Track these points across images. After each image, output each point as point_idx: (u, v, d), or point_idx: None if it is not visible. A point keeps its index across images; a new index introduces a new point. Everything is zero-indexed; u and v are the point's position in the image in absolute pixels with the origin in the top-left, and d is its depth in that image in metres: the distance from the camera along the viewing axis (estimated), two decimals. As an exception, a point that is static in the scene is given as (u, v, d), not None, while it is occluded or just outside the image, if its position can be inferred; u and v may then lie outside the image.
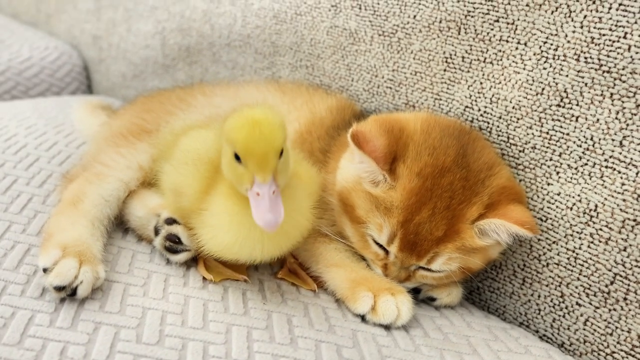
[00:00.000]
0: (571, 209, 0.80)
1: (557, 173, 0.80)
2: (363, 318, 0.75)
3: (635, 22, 0.73)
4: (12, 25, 1.79)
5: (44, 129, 1.05)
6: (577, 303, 0.81)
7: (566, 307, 0.82)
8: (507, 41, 0.82)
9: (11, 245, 0.74)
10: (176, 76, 1.39)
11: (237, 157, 0.65)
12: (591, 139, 0.77)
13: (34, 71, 1.55)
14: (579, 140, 0.78)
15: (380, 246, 0.78)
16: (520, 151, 0.83)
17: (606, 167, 0.77)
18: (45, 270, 0.67)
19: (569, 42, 0.78)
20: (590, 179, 0.78)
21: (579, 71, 0.77)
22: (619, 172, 0.76)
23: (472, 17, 0.85)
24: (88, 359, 0.59)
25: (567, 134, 0.79)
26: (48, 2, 1.81)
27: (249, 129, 0.63)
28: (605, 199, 0.77)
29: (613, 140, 0.76)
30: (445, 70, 0.89)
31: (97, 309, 0.66)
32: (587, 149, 0.78)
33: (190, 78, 1.35)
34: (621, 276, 0.76)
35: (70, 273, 0.66)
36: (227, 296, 0.73)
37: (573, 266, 0.80)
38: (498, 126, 0.85)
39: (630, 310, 0.76)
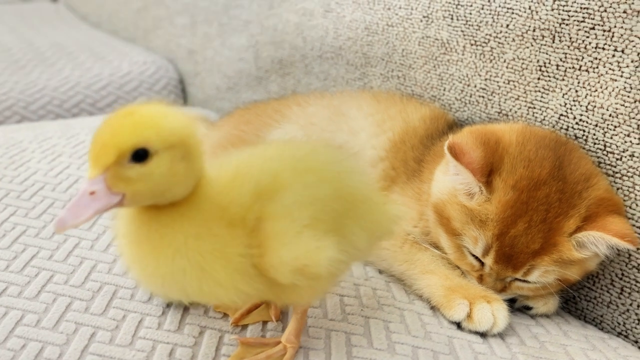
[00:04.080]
0: (672, 218, 0.78)
1: (657, 181, 0.79)
2: (458, 325, 0.75)
3: None
4: (113, 42, 1.88)
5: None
6: (679, 314, 0.79)
7: (667, 318, 0.80)
8: (604, 49, 0.81)
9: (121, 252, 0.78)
10: (269, 88, 1.43)
11: None
12: (693, 146, 0.76)
13: (134, 85, 1.62)
14: (680, 148, 0.77)
15: (476, 258, 0.79)
16: (617, 159, 0.82)
17: None
18: (153, 276, 0.70)
19: (668, 48, 0.77)
20: (692, 187, 0.76)
21: (679, 78, 0.76)
22: None
23: (566, 25, 0.85)
24: (195, 360, 0.62)
25: (668, 142, 0.78)
26: (145, 19, 1.89)
27: (107, 118, 0.49)
28: None
29: None
30: (539, 78, 0.89)
31: (201, 314, 0.70)
32: (689, 157, 0.76)
33: (283, 90, 1.38)
34: None
35: None
36: (325, 302, 0.75)
37: (674, 276, 0.79)
38: (594, 134, 0.84)
39: None
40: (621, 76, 0.80)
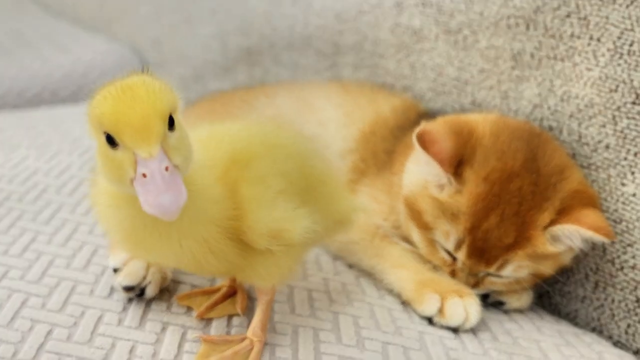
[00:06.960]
0: (647, 210, 0.77)
1: (632, 173, 0.78)
2: (430, 320, 0.74)
3: None
4: (75, 31, 1.83)
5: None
6: (653, 308, 0.78)
7: (642, 312, 0.79)
8: (579, 37, 0.80)
9: (79, 245, 0.75)
10: (237, 78, 1.40)
11: (110, 141, 0.46)
12: (669, 137, 0.75)
13: (96, 74, 1.58)
14: (656, 139, 0.76)
15: (448, 252, 0.77)
16: (592, 151, 0.81)
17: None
18: (115, 270, 0.68)
19: (644, 37, 0.76)
20: (667, 179, 0.76)
21: (655, 67, 0.75)
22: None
23: (541, 12, 0.83)
24: (156, 358, 0.60)
25: (643, 133, 0.77)
26: (109, 7, 1.85)
27: (117, 95, 0.46)
28: (684, 200, 0.74)
29: (692, 139, 0.73)
30: (513, 67, 0.88)
31: (164, 309, 0.67)
32: (664, 148, 0.76)
33: (251, 79, 1.36)
34: (701, 281, 0.74)
35: (139, 273, 0.67)
36: (293, 297, 0.73)
37: (649, 270, 0.78)
38: (569, 125, 0.83)
39: None
40: (597, 65, 0.79)
